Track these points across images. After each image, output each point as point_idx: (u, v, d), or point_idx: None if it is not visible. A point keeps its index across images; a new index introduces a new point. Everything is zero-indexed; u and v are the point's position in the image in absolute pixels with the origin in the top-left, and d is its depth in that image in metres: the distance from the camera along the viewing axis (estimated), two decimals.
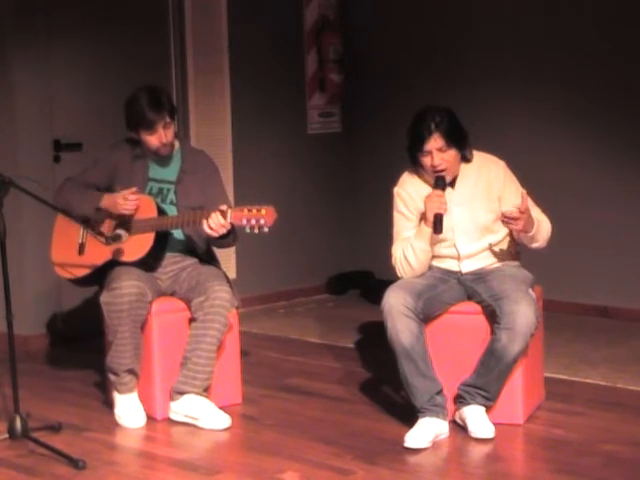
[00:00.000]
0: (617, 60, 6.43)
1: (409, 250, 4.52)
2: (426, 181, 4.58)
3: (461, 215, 4.56)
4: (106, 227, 4.81)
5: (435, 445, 4.31)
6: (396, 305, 4.35)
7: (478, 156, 4.63)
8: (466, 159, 4.58)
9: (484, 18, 6.93)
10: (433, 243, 4.53)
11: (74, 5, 6.29)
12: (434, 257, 4.60)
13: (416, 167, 4.60)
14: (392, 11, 7.38)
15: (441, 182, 4.47)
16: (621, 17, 6.40)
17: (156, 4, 6.69)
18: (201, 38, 6.83)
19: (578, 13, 6.55)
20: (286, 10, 7.31)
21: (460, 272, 4.59)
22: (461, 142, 4.52)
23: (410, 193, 4.60)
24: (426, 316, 4.45)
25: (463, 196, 4.56)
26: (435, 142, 4.43)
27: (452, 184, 4.57)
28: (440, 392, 4.40)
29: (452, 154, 4.48)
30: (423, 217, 4.49)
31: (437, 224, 4.42)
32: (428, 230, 4.46)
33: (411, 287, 4.43)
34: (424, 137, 4.42)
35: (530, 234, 4.46)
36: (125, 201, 4.73)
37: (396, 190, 4.67)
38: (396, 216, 4.65)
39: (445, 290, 4.54)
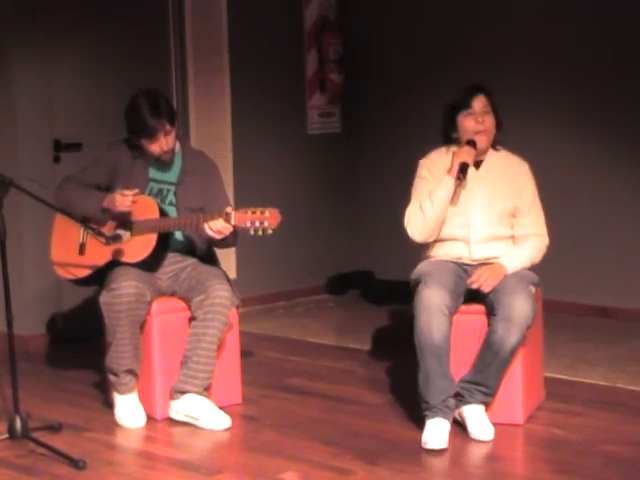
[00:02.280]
0: (617, 60, 6.43)
1: (426, 200, 4.54)
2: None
3: (481, 196, 4.60)
4: (107, 227, 4.80)
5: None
6: (436, 303, 4.34)
7: (505, 152, 4.76)
8: (495, 146, 4.70)
9: (484, 18, 6.93)
10: (449, 217, 4.57)
11: (74, 5, 6.29)
12: (445, 240, 4.60)
13: (448, 146, 4.68)
14: (392, 11, 7.39)
15: (472, 142, 4.58)
16: (621, 17, 6.40)
17: (156, 4, 6.69)
18: (201, 38, 6.83)
19: (578, 13, 6.56)
20: (286, 10, 7.32)
21: (470, 258, 4.58)
22: (497, 116, 4.67)
23: (435, 161, 4.68)
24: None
25: (486, 178, 4.61)
26: (480, 100, 4.63)
27: (477, 166, 4.65)
28: (452, 395, 4.40)
29: (491, 120, 4.64)
30: (448, 170, 4.54)
31: (462, 171, 4.49)
32: (450, 179, 4.50)
33: (447, 286, 4.41)
34: (472, 95, 4.63)
35: (510, 272, 4.51)
36: (123, 197, 4.72)
37: (421, 161, 4.74)
38: (417, 182, 4.70)
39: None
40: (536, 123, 6.76)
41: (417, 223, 4.56)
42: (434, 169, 4.65)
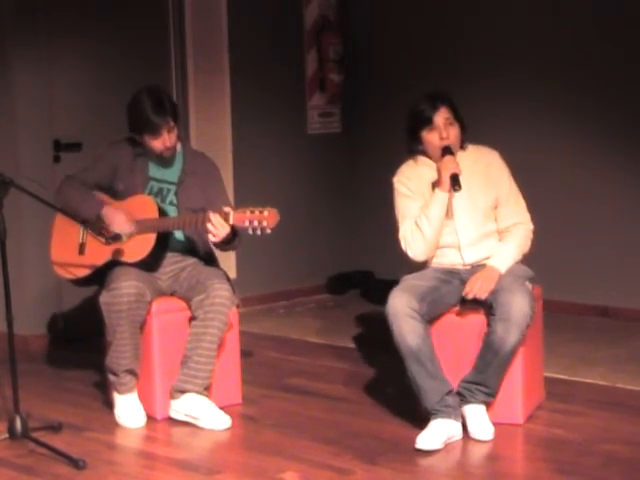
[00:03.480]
0: (617, 60, 6.43)
1: (422, 219, 4.49)
2: (425, 167, 4.60)
3: (461, 199, 4.56)
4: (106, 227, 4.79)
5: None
6: (401, 308, 4.34)
7: (472, 146, 4.70)
8: (461, 147, 4.64)
9: (484, 18, 6.93)
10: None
11: (74, 5, 6.29)
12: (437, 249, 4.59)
13: (414, 156, 4.65)
14: (392, 11, 7.39)
15: (448, 150, 4.52)
16: (621, 17, 6.40)
17: (156, 4, 6.69)
18: (201, 38, 6.83)
19: (578, 13, 6.55)
20: (286, 10, 7.32)
21: (463, 264, 4.58)
22: (462, 123, 4.60)
23: (409, 176, 4.63)
24: (430, 318, 4.45)
25: (463, 179, 4.53)
26: (443, 114, 4.54)
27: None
28: (450, 392, 4.38)
29: (456, 131, 4.57)
30: (437, 184, 4.50)
31: (455, 182, 4.43)
32: (443, 194, 4.47)
33: (414, 290, 4.42)
34: (432, 110, 4.54)
35: (503, 272, 4.49)
36: (122, 224, 4.72)
37: (395, 179, 4.67)
38: (399, 200, 4.63)
39: (448, 292, 4.52)
40: (536, 123, 6.76)
41: (417, 243, 4.52)
42: (410, 184, 4.61)
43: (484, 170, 4.63)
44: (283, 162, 7.36)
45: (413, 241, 4.53)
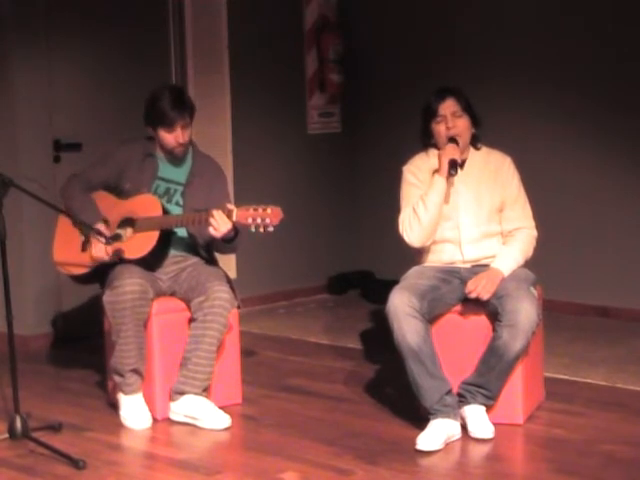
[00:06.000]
0: (617, 60, 6.42)
1: (419, 205, 4.52)
2: (436, 160, 4.61)
3: (467, 195, 4.59)
4: (108, 226, 4.79)
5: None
6: (401, 306, 4.34)
7: (486, 148, 4.74)
8: (475, 145, 4.68)
9: (484, 18, 6.93)
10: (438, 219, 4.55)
11: (74, 5, 6.29)
12: (436, 244, 4.59)
13: (427, 149, 4.68)
14: (392, 11, 7.39)
15: (453, 139, 4.56)
16: (621, 17, 6.40)
17: (156, 4, 6.69)
18: (201, 38, 6.83)
19: (578, 14, 6.55)
20: (286, 10, 7.32)
21: (462, 260, 4.58)
22: (473, 116, 4.64)
23: (419, 166, 4.68)
24: (430, 318, 4.45)
25: (471, 177, 4.59)
26: (449, 105, 4.60)
27: (461, 166, 4.62)
28: (449, 392, 4.38)
29: (465, 122, 4.61)
30: (437, 171, 4.53)
31: (452, 167, 4.48)
32: (441, 179, 4.49)
33: (415, 288, 4.42)
34: (439, 100, 4.60)
35: (507, 274, 4.50)
36: (101, 249, 4.73)
37: (405, 167, 4.72)
38: (405, 188, 4.68)
39: (448, 291, 4.53)
40: (537, 123, 6.76)
41: (413, 229, 4.54)
42: (419, 174, 4.65)
43: (493, 172, 4.65)
44: (283, 162, 7.36)
45: (410, 226, 4.55)
